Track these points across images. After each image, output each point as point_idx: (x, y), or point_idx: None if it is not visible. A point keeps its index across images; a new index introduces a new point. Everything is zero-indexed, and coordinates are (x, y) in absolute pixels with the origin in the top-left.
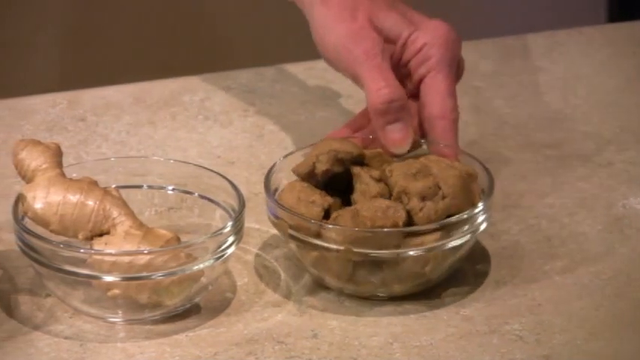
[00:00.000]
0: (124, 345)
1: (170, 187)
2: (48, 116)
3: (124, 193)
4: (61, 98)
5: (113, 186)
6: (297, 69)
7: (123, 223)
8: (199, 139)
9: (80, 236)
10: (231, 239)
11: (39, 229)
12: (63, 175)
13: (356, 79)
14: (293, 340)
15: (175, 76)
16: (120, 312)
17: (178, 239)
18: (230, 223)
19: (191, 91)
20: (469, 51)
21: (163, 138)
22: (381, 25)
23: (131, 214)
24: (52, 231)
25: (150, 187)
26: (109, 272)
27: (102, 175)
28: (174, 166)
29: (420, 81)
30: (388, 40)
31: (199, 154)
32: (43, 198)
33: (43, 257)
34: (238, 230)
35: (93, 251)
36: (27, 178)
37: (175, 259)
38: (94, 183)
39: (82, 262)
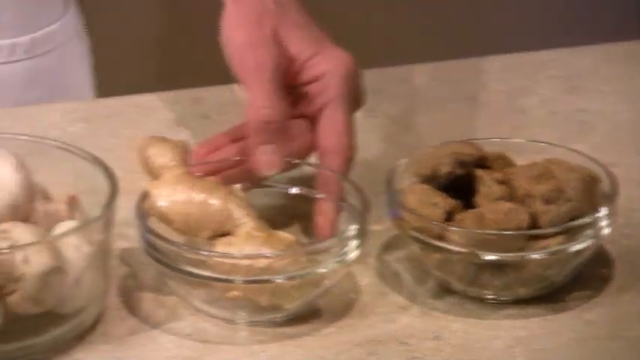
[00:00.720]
0: (247, 344)
1: (294, 188)
2: (171, 113)
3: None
4: (185, 95)
5: (237, 186)
6: (424, 70)
7: (245, 225)
8: None
9: (203, 236)
10: (355, 242)
11: (162, 228)
12: (189, 173)
13: (244, 89)
14: (415, 342)
15: None
16: (240, 313)
17: (300, 242)
18: (354, 226)
19: None
20: (592, 54)
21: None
22: (285, 39)
23: (255, 215)
24: (175, 230)
25: (274, 187)
26: (229, 273)
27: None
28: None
29: (318, 110)
30: (288, 56)
31: None
32: (168, 196)
33: (165, 257)
34: (362, 233)
35: (215, 254)
36: (153, 174)
37: (295, 263)
38: (221, 183)
39: (203, 263)
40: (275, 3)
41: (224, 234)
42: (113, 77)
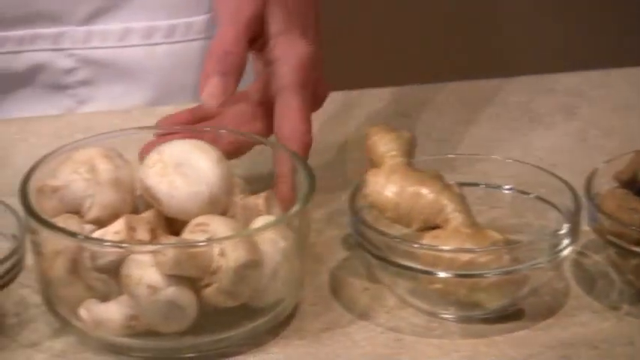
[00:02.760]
0: (440, 342)
1: (506, 187)
2: (372, 110)
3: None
4: (387, 94)
5: (451, 182)
6: (624, 74)
7: (455, 219)
8: (521, 141)
9: (412, 227)
10: (565, 242)
11: (373, 216)
12: (409, 164)
13: (217, 28)
14: (607, 347)
15: (491, 77)
16: (442, 307)
17: (507, 241)
18: (567, 225)
19: (515, 92)
20: None
21: (485, 137)
22: (267, 9)
23: (466, 211)
24: (387, 218)
25: (487, 185)
26: (432, 266)
27: (444, 171)
28: (509, 166)
29: (273, 96)
30: (263, 22)
31: (521, 155)
32: (384, 185)
33: (373, 247)
34: (574, 233)
35: (417, 245)
36: (374, 163)
37: (498, 260)
38: (438, 177)
39: (411, 255)
40: None
41: (434, 227)
42: None
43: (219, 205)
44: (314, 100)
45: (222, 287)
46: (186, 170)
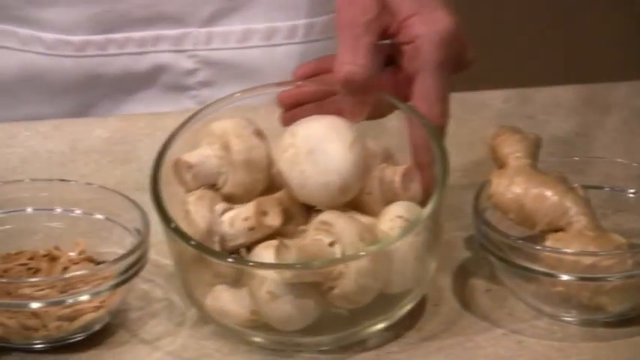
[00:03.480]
0: (561, 344)
1: (631, 191)
2: (498, 111)
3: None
4: (514, 94)
5: (575, 185)
6: None
7: (579, 222)
8: None
9: (535, 229)
10: None
11: (495, 217)
12: (534, 166)
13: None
14: None
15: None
16: (565, 310)
17: (631, 245)
18: None
19: None
20: None
21: (610, 140)
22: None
23: (590, 214)
24: (510, 219)
25: (611, 188)
26: (555, 268)
27: (568, 173)
28: (634, 169)
29: (412, 76)
30: (389, 11)
31: None
32: (507, 186)
33: (498, 250)
34: None
35: (540, 248)
36: (499, 164)
37: (622, 264)
38: (562, 179)
39: (534, 257)
40: None
41: (557, 229)
42: None
43: (351, 191)
44: (458, 67)
45: (344, 293)
46: (318, 158)
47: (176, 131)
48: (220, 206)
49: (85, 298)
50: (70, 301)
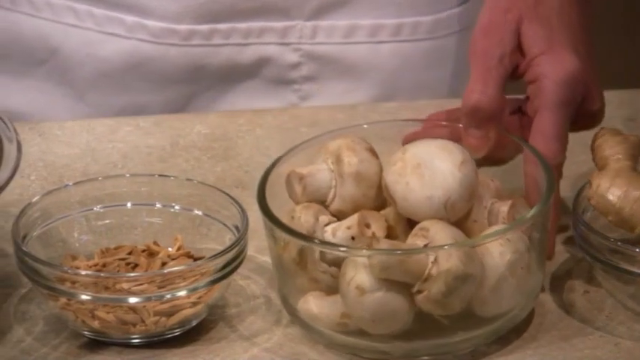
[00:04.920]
0: None
1: None
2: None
3: None
4: (615, 96)
5: None
6: None
7: None
8: None
9: (634, 232)
10: None
11: (594, 219)
12: (634, 169)
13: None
14: None
15: None
16: None
17: None
18: None
19: None
20: None
21: None
22: (525, 31)
23: None
24: (609, 221)
25: None
26: None
27: None
28: None
29: (534, 113)
30: (522, 49)
31: None
32: (607, 188)
33: (597, 251)
34: None
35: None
36: (599, 166)
37: None
38: None
39: (633, 259)
40: None
41: None
42: None
43: (456, 210)
44: (582, 117)
45: (432, 296)
46: (424, 172)
47: (293, 148)
48: (325, 217)
49: (183, 293)
50: (168, 296)
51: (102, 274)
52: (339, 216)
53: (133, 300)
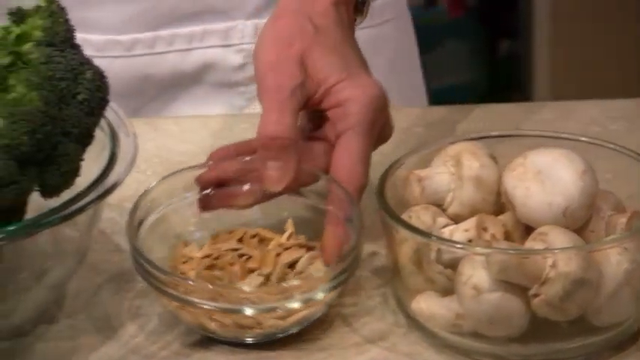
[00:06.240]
0: None
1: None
2: None
3: None
4: None
5: None
6: None
7: None
8: None
9: None
10: None
11: None
12: None
13: (261, 106)
14: None
15: None
16: None
17: None
18: None
19: None
20: None
21: None
22: (312, 62)
23: None
24: None
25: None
26: None
27: None
28: None
29: (338, 136)
30: (315, 80)
31: None
32: None
33: None
34: None
35: None
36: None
37: None
38: None
39: None
40: (314, 25)
41: None
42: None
43: (574, 218)
44: (377, 141)
45: (549, 300)
46: (545, 178)
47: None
48: (443, 220)
49: (297, 305)
50: (285, 307)
51: (219, 287)
52: (457, 219)
53: (248, 311)
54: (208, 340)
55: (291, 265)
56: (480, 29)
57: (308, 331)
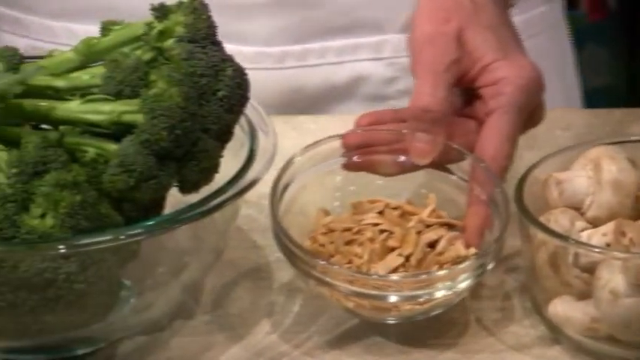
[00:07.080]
0: None
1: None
2: None
3: None
4: None
5: None
6: None
7: None
8: None
9: None
10: None
11: None
12: None
13: (415, 80)
14: None
15: None
16: None
17: None
18: None
19: None
20: None
21: None
22: (470, 40)
23: None
24: None
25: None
26: None
27: None
28: None
29: (489, 114)
30: (471, 57)
31: None
32: None
33: None
34: None
35: None
36: None
37: None
38: None
39: None
40: (471, 1)
41: None
42: None
43: None
44: (528, 124)
45: None
46: None
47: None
48: (582, 223)
49: (440, 295)
50: (426, 297)
51: (365, 275)
52: (595, 223)
53: (392, 299)
54: (342, 341)
55: (431, 244)
56: (621, 33)
57: (435, 318)
